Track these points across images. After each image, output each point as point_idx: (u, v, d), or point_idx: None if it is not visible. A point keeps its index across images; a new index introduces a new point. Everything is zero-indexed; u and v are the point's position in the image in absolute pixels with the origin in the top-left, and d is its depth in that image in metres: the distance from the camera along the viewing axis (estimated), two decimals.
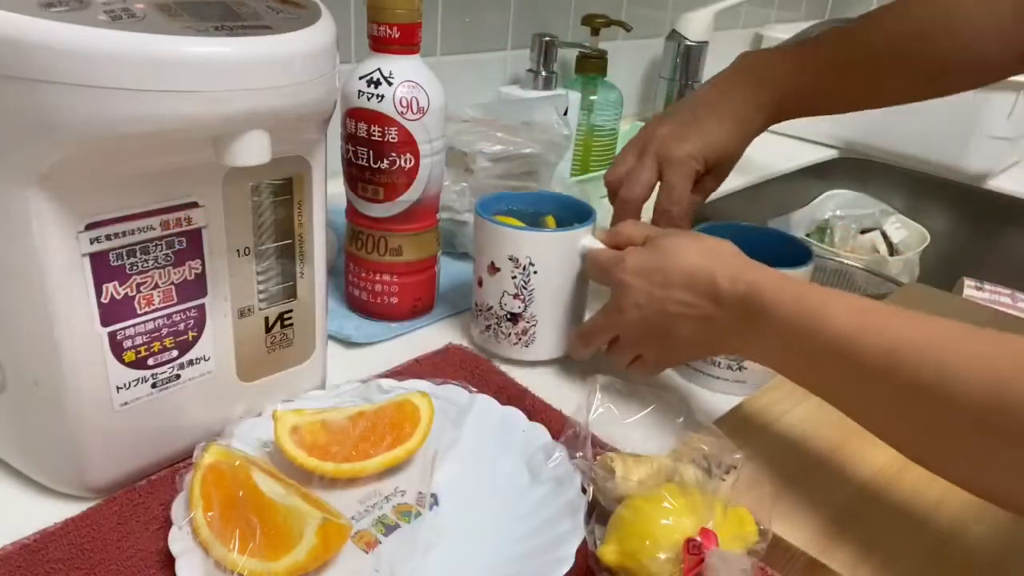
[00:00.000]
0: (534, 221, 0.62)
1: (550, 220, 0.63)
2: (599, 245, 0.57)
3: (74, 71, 0.32)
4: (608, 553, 0.40)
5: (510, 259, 0.56)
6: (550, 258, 0.57)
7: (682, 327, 0.50)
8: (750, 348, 0.49)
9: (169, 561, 0.39)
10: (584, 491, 0.44)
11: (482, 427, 0.50)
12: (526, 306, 0.58)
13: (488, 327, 0.60)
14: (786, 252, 0.58)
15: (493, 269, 0.57)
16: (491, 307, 0.59)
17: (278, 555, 0.38)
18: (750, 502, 0.42)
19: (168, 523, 0.41)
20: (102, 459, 0.43)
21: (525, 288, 0.57)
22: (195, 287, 0.44)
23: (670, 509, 0.40)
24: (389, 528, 0.43)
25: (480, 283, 0.59)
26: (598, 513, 0.43)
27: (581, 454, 0.46)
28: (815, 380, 0.45)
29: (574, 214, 0.61)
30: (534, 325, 0.59)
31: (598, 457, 0.45)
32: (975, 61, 0.63)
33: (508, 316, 0.58)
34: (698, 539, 0.39)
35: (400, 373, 0.57)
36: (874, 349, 0.40)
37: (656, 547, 0.39)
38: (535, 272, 0.56)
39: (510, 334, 0.59)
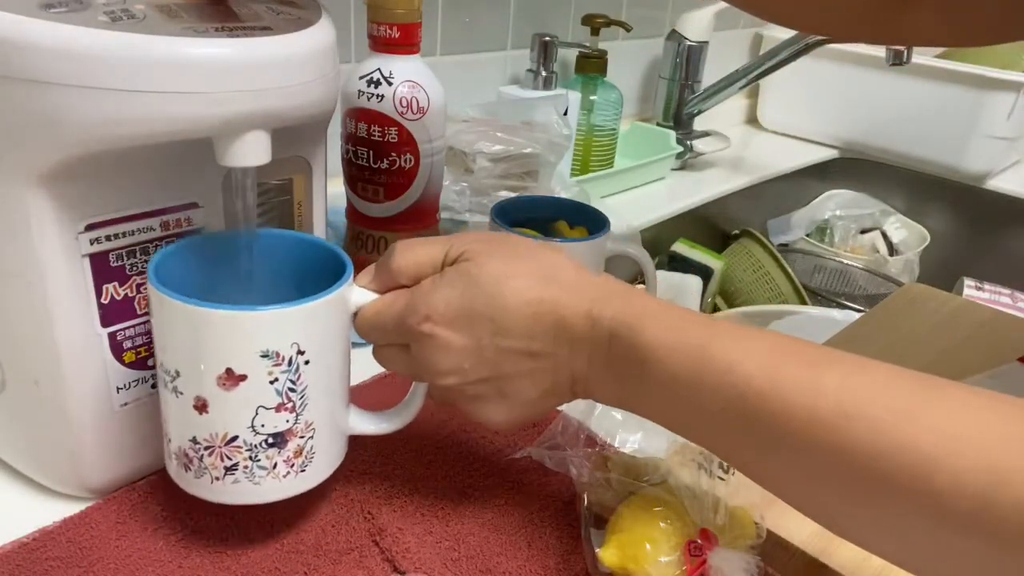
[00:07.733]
0: (544, 229, 0.58)
1: (563, 226, 0.60)
2: (370, 296, 0.41)
3: (74, 72, 0.32)
4: (609, 556, 0.40)
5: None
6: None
7: (527, 388, 0.38)
8: (621, 400, 0.38)
9: (168, 560, 0.39)
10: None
11: None
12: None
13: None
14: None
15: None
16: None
17: None
18: (749, 501, 0.42)
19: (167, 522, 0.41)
20: (102, 459, 0.43)
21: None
22: None
23: (669, 510, 0.40)
24: None
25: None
26: (593, 515, 0.43)
27: (574, 451, 0.45)
28: (722, 448, 0.36)
29: (583, 218, 0.58)
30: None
31: (592, 457, 0.45)
32: None
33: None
34: (699, 541, 0.39)
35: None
36: (808, 415, 0.30)
37: (657, 550, 0.39)
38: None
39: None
